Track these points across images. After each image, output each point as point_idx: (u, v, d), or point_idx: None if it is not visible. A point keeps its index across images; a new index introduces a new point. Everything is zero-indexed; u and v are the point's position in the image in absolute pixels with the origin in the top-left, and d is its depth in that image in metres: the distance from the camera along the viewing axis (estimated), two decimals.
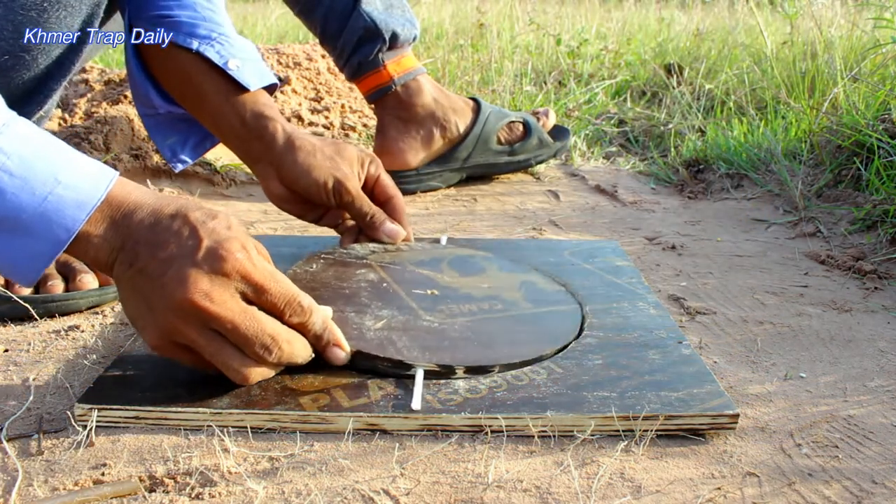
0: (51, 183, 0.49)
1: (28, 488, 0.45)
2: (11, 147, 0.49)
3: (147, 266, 0.50)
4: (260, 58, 0.80)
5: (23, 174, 0.48)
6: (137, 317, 0.52)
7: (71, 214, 0.50)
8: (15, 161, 0.48)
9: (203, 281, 0.50)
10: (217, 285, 0.50)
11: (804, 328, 0.71)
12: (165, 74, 0.78)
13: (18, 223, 0.49)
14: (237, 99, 0.77)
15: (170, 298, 0.49)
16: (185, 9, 0.76)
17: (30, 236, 0.49)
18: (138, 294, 0.51)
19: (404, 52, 1.14)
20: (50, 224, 0.49)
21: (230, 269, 0.50)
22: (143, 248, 0.51)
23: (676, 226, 1.04)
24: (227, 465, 0.47)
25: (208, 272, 0.50)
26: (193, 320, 0.50)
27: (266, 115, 0.78)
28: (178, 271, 0.50)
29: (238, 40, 0.79)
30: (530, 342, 0.60)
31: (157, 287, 0.50)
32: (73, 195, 0.50)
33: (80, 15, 0.64)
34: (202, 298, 0.49)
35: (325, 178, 0.76)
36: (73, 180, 0.50)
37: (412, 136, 1.15)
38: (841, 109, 1.21)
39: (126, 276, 0.51)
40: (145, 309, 0.51)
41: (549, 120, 1.30)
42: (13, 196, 0.48)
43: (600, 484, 0.47)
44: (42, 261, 0.50)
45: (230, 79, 0.76)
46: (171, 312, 0.50)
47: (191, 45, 0.74)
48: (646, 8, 3.23)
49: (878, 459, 0.51)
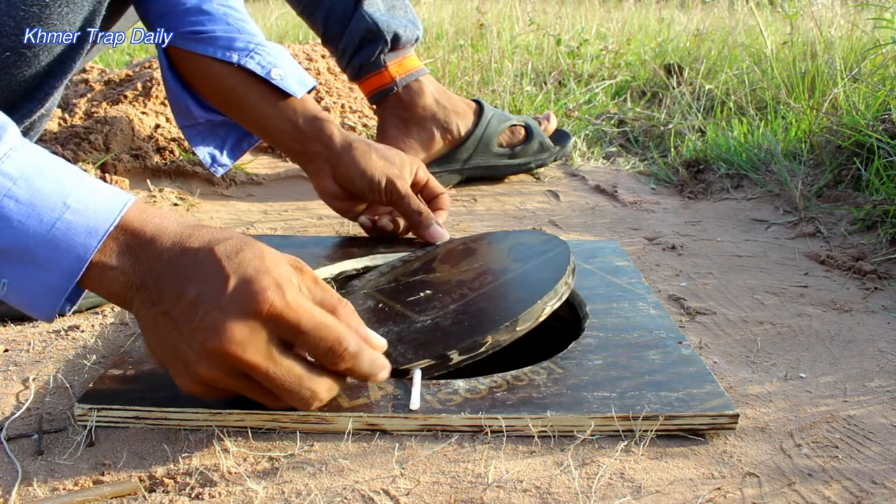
0: (59, 208, 0.46)
1: (28, 488, 0.45)
2: (19, 172, 0.46)
3: (172, 310, 0.45)
4: (295, 62, 0.85)
5: (30, 200, 0.45)
6: (165, 359, 0.47)
7: (81, 242, 0.46)
8: (22, 186, 0.45)
9: (234, 328, 0.44)
10: (249, 331, 0.45)
11: (804, 328, 0.71)
12: (205, 86, 0.83)
13: (27, 253, 0.45)
14: (285, 105, 0.83)
15: (200, 346, 0.45)
16: (217, 23, 0.79)
17: (40, 268, 0.46)
18: (164, 336, 0.46)
19: (406, 53, 1.14)
20: (59, 253, 0.45)
21: (261, 312, 0.45)
22: (166, 287, 0.46)
23: (676, 226, 1.04)
24: (227, 465, 0.47)
25: (238, 316, 0.44)
26: (226, 367, 0.45)
27: (320, 117, 0.84)
28: (205, 317, 0.44)
29: (272, 47, 0.83)
30: (523, 299, 0.60)
31: (185, 333, 0.45)
32: (84, 220, 0.46)
33: (82, 12, 0.64)
34: (234, 346, 0.44)
35: (380, 178, 0.82)
36: (84, 205, 0.46)
37: (413, 136, 1.15)
38: (841, 110, 1.21)
39: (149, 316, 0.47)
40: (173, 354, 0.46)
41: (550, 124, 1.30)
42: (20, 224, 0.45)
43: (600, 484, 0.47)
44: (56, 295, 0.46)
45: (274, 87, 0.81)
46: (203, 360, 0.45)
47: (231, 59, 0.79)
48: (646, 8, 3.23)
49: (878, 459, 0.51)
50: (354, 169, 0.82)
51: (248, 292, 0.45)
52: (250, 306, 0.45)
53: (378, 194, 0.83)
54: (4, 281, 0.46)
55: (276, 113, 0.82)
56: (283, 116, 0.83)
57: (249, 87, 0.81)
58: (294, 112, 0.83)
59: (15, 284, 0.46)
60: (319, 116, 0.84)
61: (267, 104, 0.82)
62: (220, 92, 0.81)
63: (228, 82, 0.80)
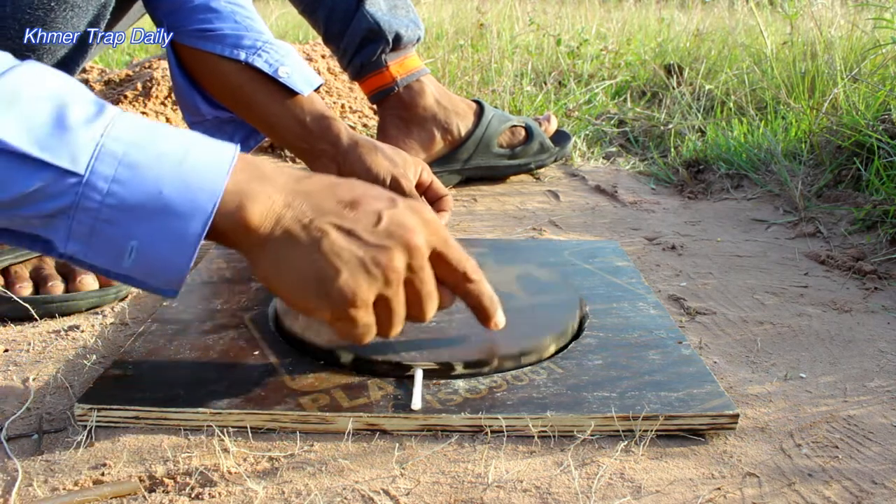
0: (181, 151, 0.44)
1: (28, 488, 0.45)
2: (134, 124, 0.44)
3: (342, 219, 0.46)
4: (302, 60, 0.86)
5: (154, 146, 0.43)
6: (318, 277, 0.46)
7: (211, 177, 0.44)
8: (143, 136, 0.43)
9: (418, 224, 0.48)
10: (423, 229, 0.48)
11: (804, 328, 0.71)
12: (213, 84, 0.83)
13: (159, 202, 0.43)
14: (292, 103, 0.83)
15: (390, 240, 0.46)
16: (225, 21, 0.80)
17: (174, 215, 0.43)
18: (328, 249, 0.45)
19: (408, 53, 1.14)
20: (192, 191, 0.43)
21: (426, 219, 0.49)
22: (327, 202, 0.47)
23: (676, 226, 1.04)
24: (227, 465, 0.47)
25: (414, 218, 0.49)
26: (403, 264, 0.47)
27: (327, 116, 0.84)
28: (392, 217, 0.47)
29: (280, 45, 0.84)
30: (528, 333, 0.60)
31: (367, 233, 0.46)
32: (208, 158, 0.44)
33: (86, 16, 0.65)
34: (420, 237, 0.48)
35: (384, 175, 0.82)
36: (202, 147, 0.45)
37: (413, 136, 1.15)
38: (841, 110, 1.21)
39: (303, 233, 0.46)
40: (336, 263, 0.45)
41: (550, 125, 1.30)
42: (149, 170, 0.43)
43: (600, 484, 0.47)
44: (192, 244, 0.43)
45: (281, 85, 0.81)
46: (385, 256, 0.46)
47: (238, 57, 0.79)
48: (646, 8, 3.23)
49: (878, 459, 0.51)
50: (359, 167, 0.83)
51: (415, 204, 0.50)
52: (419, 214, 0.49)
53: None
54: (133, 245, 0.43)
55: (283, 111, 0.83)
56: (291, 114, 0.83)
57: (257, 85, 0.81)
58: (301, 110, 0.83)
59: (147, 244, 0.43)
60: (326, 115, 0.84)
61: (274, 102, 0.82)
62: (228, 89, 0.82)
63: (236, 80, 0.81)
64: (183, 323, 0.64)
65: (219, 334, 0.62)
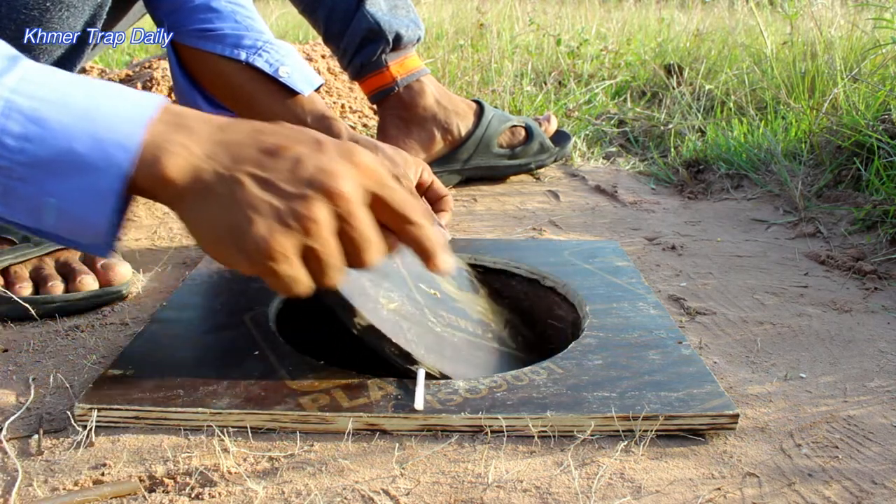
0: (93, 105, 0.43)
1: (28, 488, 0.45)
2: (43, 78, 0.42)
3: (263, 168, 0.44)
4: (302, 60, 0.86)
5: (62, 100, 0.42)
6: (231, 229, 0.44)
7: (126, 130, 0.42)
8: (51, 89, 0.42)
9: (344, 169, 0.45)
10: (353, 174, 0.45)
11: (804, 328, 0.71)
12: (214, 83, 0.83)
13: (71, 157, 0.42)
14: (292, 102, 0.83)
15: (311, 188, 0.44)
16: (225, 21, 0.80)
17: (88, 171, 0.42)
18: (246, 199, 0.44)
19: (408, 53, 1.14)
20: (105, 145, 0.42)
21: (358, 162, 0.46)
22: (248, 151, 0.45)
23: (676, 226, 1.04)
24: (227, 465, 0.47)
25: (343, 162, 0.45)
26: (327, 211, 0.44)
27: (327, 116, 0.84)
28: (315, 164, 0.44)
29: (280, 45, 0.85)
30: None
31: (287, 183, 0.44)
32: (125, 110, 0.43)
33: (82, 16, 0.65)
34: (346, 182, 0.44)
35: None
36: (119, 99, 0.44)
37: (413, 136, 1.15)
38: (841, 110, 1.21)
39: (223, 183, 0.44)
40: (256, 213, 0.43)
41: (550, 125, 1.30)
42: (59, 124, 0.41)
43: (600, 484, 0.47)
44: (107, 200, 0.42)
45: (282, 85, 0.81)
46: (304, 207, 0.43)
47: (239, 57, 0.80)
48: (646, 8, 3.23)
49: (878, 460, 0.51)
50: None
51: (345, 147, 0.46)
52: (349, 157, 0.46)
53: None
54: (51, 202, 0.42)
55: (284, 111, 0.83)
56: (292, 114, 0.83)
57: (257, 85, 0.81)
58: (302, 110, 0.83)
59: (66, 202, 0.42)
60: (327, 115, 0.85)
61: (275, 102, 0.82)
62: (229, 89, 0.82)
63: (237, 80, 0.81)
64: (183, 323, 0.64)
65: (219, 334, 0.62)
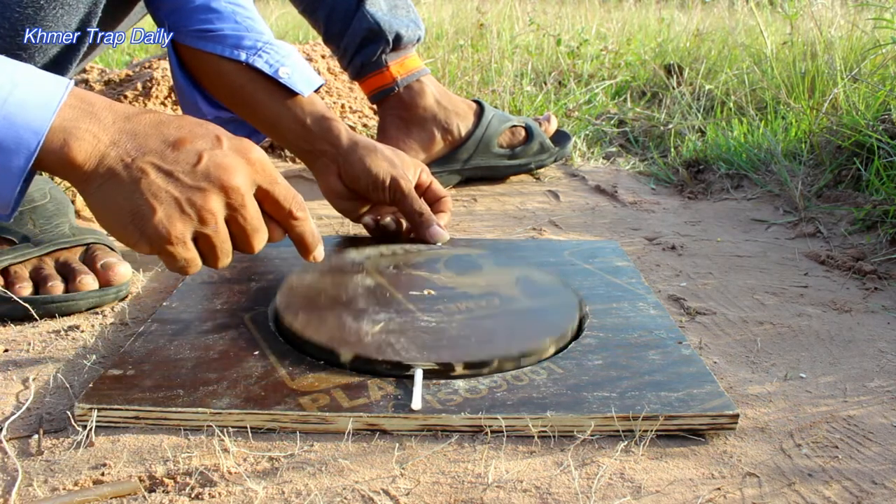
0: (7, 87, 0.46)
1: (28, 488, 0.45)
2: None
3: (164, 160, 0.49)
4: (303, 61, 0.86)
5: None
6: (138, 214, 0.49)
7: (37, 114, 0.46)
8: None
9: (238, 164, 0.51)
10: (246, 170, 0.52)
11: (804, 328, 0.71)
12: (214, 84, 0.84)
13: None
14: (293, 103, 0.83)
15: (206, 182, 0.50)
16: (226, 21, 0.81)
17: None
18: (145, 189, 0.49)
19: (408, 53, 1.14)
20: (15, 128, 0.46)
21: (252, 159, 0.53)
22: (151, 142, 0.49)
23: (676, 226, 1.04)
24: (227, 465, 0.47)
25: (237, 158, 0.52)
26: (220, 203, 0.51)
27: (327, 117, 0.85)
28: (211, 159, 0.50)
29: (280, 46, 0.84)
30: (529, 335, 0.60)
31: (185, 175, 0.50)
32: (36, 94, 0.46)
33: (77, 14, 0.64)
34: (239, 177, 0.51)
35: (384, 176, 0.83)
36: (31, 82, 0.47)
37: (413, 136, 1.15)
38: (841, 110, 1.21)
39: (125, 172, 0.49)
40: (154, 202, 0.49)
41: (550, 125, 1.30)
42: None
43: (600, 484, 0.47)
44: (14, 177, 0.46)
45: (282, 85, 0.82)
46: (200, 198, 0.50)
47: (239, 57, 0.80)
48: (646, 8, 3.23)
49: (878, 460, 0.51)
50: (360, 167, 0.83)
51: (240, 144, 0.53)
52: (243, 154, 0.52)
53: (381, 193, 0.84)
54: None
55: (284, 111, 0.83)
56: (292, 115, 0.83)
57: (258, 86, 0.81)
58: (302, 111, 0.83)
59: None
60: (327, 116, 0.85)
61: (275, 103, 0.82)
62: (229, 90, 0.82)
63: (237, 80, 0.81)
64: (183, 323, 0.64)
65: (219, 334, 0.62)
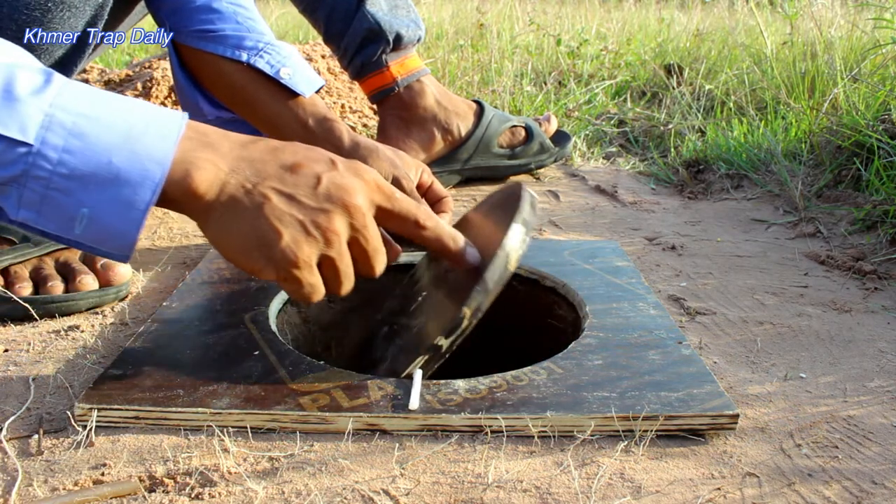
0: (126, 120, 0.45)
1: (28, 488, 0.45)
2: (79, 94, 0.45)
3: (284, 184, 0.49)
4: (304, 61, 0.86)
5: (96, 115, 0.44)
6: (260, 240, 0.48)
7: (158, 145, 0.45)
8: (84, 106, 0.44)
9: (358, 185, 0.50)
10: (365, 191, 0.51)
11: (804, 328, 0.71)
12: (215, 84, 0.84)
13: (108, 169, 0.44)
14: (294, 104, 0.83)
15: (328, 203, 0.49)
16: (227, 22, 0.81)
17: (123, 183, 0.44)
18: (269, 213, 0.48)
19: (408, 53, 1.14)
20: (139, 159, 0.44)
21: (369, 180, 0.51)
22: (269, 168, 0.49)
23: (676, 226, 1.04)
24: (227, 465, 0.47)
25: (356, 179, 0.51)
26: (345, 224, 0.50)
27: (329, 117, 0.85)
28: (331, 181, 0.49)
29: (281, 46, 0.84)
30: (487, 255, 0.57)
31: (307, 197, 0.49)
32: (155, 126, 0.46)
33: (83, 16, 0.65)
34: (361, 197, 0.50)
35: (385, 175, 0.82)
36: (149, 115, 0.46)
37: (413, 136, 1.15)
38: (841, 110, 1.21)
39: (247, 198, 0.48)
40: (279, 226, 0.48)
41: (550, 125, 1.30)
42: (97, 139, 0.44)
43: (600, 484, 0.47)
44: (139, 211, 0.45)
45: (283, 86, 0.82)
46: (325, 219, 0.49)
47: (240, 58, 0.80)
48: (646, 8, 3.23)
49: (878, 460, 0.51)
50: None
51: (354, 165, 0.52)
52: (359, 174, 0.51)
53: None
54: (84, 212, 0.45)
55: (285, 112, 0.83)
56: (293, 116, 0.83)
57: (259, 86, 0.81)
58: (304, 111, 0.84)
59: (98, 212, 0.45)
60: (328, 116, 0.85)
61: (276, 103, 0.82)
62: (230, 90, 0.82)
63: (238, 81, 0.81)
64: (183, 323, 0.64)
65: (219, 334, 0.62)
